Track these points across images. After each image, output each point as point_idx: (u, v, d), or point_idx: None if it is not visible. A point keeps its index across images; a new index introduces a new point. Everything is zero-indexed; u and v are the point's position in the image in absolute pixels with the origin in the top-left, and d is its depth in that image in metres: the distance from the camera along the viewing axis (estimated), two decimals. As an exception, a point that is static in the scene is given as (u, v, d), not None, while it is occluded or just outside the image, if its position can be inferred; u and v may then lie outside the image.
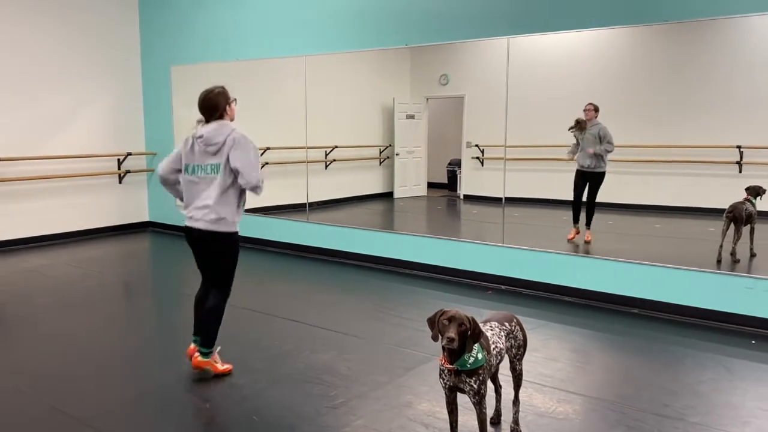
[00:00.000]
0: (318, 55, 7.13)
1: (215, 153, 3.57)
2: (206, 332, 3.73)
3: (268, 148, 7.75)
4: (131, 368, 4.01)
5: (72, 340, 4.52)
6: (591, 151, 6.04)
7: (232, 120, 3.72)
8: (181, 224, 3.83)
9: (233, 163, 3.53)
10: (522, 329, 3.05)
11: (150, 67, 8.84)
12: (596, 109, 6.10)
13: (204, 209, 3.61)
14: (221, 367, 3.81)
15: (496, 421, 3.18)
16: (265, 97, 8.10)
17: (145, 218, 9.21)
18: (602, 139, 5.99)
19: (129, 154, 8.77)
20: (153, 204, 9.18)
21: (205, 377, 3.81)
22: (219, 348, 3.84)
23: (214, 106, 3.65)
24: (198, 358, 3.75)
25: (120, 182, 8.82)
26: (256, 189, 3.58)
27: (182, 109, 8.57)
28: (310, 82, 7.39)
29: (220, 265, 3.76)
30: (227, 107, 3.68)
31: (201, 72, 8.22)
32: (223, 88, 3.73)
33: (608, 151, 6.00)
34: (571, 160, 6.23)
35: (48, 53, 7.88)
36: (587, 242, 6.05)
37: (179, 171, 3.79)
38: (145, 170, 9.08)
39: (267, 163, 7.98)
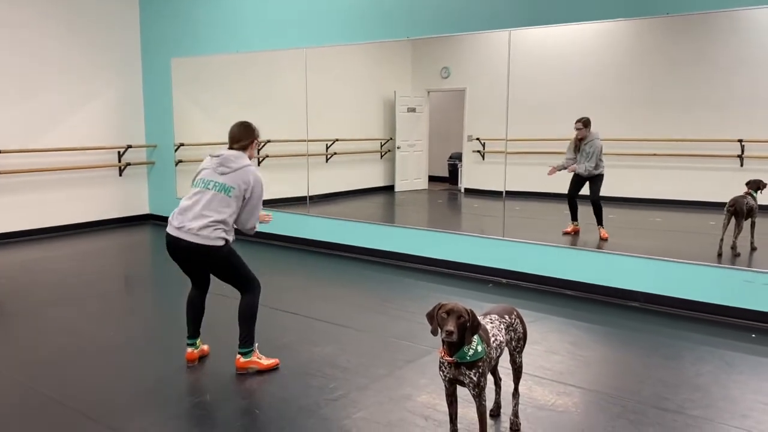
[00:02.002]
0: (319, 48, 7.11)
1: (223, 174, 3.61)
2: (241, 333, 3.73)
3: (269, 141, 7.74)
4: (131, 360, 4.02)
5: (72, 332, 4.53)
6: (584, 173, 6.02)
7: (251, 158, 3.80)
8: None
9: (243, 211, 3.65)
10: (522, 322, 3.05)
11: (150, 59, 8.82)
12: (586, 125, 5.97)
13: (190, 216, 3.60)
14: (266, 362, 3.80)
15: (496, 413, 3.19)
16: (265, 89, 8.09)
17: (146, 211, 9.21)
18: (596, 155, 5.95)
19: (129, 146, 8.76)
20: (153, 196, 9.18)
21: (204, 370, 3.82)
22: (257, 345, 3.83)
23: (241, 136, 3.74)
24: (240, 359, 3.76)
25: (120, 175, 8.81)
26: (248, 231, 3.76)
27: (183, 101, 8.56)
28: (310, 75, 7.37)
29: (225, 276, 3.74)
30: (250, 144, 3.76)
31: (201, 64, 8.21)
32: (254, 128, 3.80)
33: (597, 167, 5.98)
34: (564, 169, 6.19)
35: (48, 46, 7.86)
36: (604, 239, 5.93)
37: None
38: (146, 163, 9.07)
39: (267, 156, 7.99)
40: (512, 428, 3.08)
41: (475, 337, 2.61)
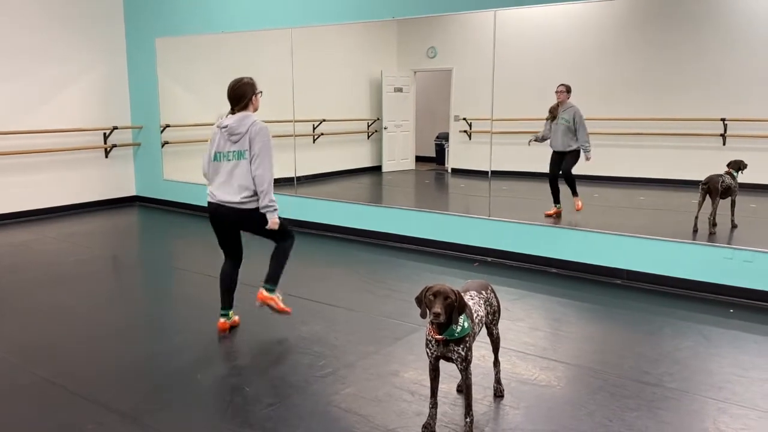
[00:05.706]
0: (304, 28, 7.07)
1: (236, 141, 3.82)
2: (271, 271, 4.03)
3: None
4: (121, 340, 4.06)
5: (61, 312, 4.55)
6: (564, 147, 6.07)
7: (255, 110, 3.94)
8: (168, 199, 3.87)
9: (252, 165, 3.82)
10: (496, 296, 3.18)
11: (134, 40, 8.72)
12: (568, 90, 6.08)
13: (229, 190, 3.86)
14: (282, 306, 4.06)
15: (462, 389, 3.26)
16: (250, 70, 8.01)
17: (132, 193, 9.17)
18: (576, 126, 6.02)
19: (115, 127, 8.69)
20: (140, 178, 9.14)
21: (195, 348, 3.87)
22: (280, 293, 4.13)
23: (241, 95, 3.86)
24: (263, 293, 3.99)
25: (106, 156, 8.76)
26: (261, 193, 3.86)
27: (168, 82, 8.50)
28: (296, 55, 7.34)
29: (265, 232, 3.99)
30: (253, 98, 3.88)
31: (186, 44, 8.14)
32: (251, 79, 3.92)
33: (587, 149, 6.04)
34: (537, 141, 6.31)
35: (30, 26, 7.75)
36: (578, 211, 6.09)
37: None
38: (132, 144, 9.01)
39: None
40: (496, 394, 3.22)
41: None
